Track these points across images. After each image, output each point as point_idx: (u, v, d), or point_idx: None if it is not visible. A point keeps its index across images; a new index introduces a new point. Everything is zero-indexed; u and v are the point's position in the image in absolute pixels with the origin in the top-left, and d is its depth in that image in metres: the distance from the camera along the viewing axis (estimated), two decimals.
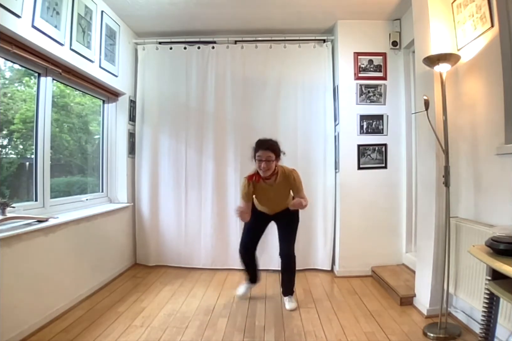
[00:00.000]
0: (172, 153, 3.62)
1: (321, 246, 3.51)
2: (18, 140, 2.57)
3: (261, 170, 2.40)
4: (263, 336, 2.18)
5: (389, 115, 3.37)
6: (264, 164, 2.37)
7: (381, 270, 3.21)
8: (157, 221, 3.65)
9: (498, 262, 1.31)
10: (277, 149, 2.44)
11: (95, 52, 2.91)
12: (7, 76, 2.43)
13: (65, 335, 2.13)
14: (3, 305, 1.90)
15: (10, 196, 2.40)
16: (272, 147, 2.40)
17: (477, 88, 2.21)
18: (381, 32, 3.39)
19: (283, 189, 2.55)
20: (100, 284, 2.97)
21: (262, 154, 2.38)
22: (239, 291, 2.77)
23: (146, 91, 3.65)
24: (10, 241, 1.97)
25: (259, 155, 2.39)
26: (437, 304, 2.27)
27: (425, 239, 2.50)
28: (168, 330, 2.24)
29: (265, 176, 2.44)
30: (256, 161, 2.42)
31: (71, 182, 3.15)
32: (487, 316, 1.51)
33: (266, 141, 2.45)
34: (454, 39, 2.38)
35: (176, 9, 3.12)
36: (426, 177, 2.53)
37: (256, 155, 2.41)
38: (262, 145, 2.41)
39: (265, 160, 2.37)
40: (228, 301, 2.73)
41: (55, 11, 2.34)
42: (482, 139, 2.15)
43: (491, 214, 2.06)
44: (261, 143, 2.43)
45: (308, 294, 2.90)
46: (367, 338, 2.13)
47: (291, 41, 3.56)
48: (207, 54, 3.59)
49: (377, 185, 3.36)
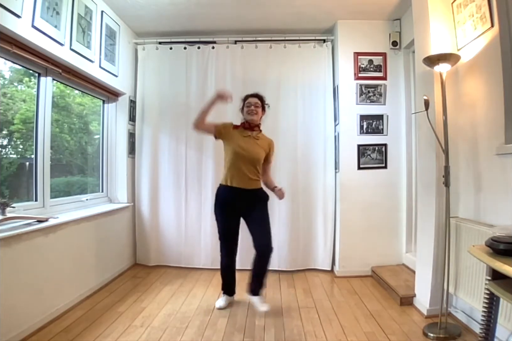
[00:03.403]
0: (172, 153, 3.62)
1: (321, 246, 3.51)
2: (18, 140, 2.57)
3: (249, 114, 2.57)
4: (263, 336, 2.18)
5: (389, 115, 3.37)
6: (253, 108, 2.57)
7: (381, 270, 3.21)
8: (157, 221, 3.65)
9: (498, 262, 1.31)
10: (264, 100, 2.68)
11: (95, 52, 2.91)
12: (7, 76, 2.43)
13: (65, 335, 2.13)
14: (3, 305, 1.90)
15: (10, 196, 2.40)
16: (259, 95, 2.66)
17: (477, 88, 2.21)
18: (381, 32, 3.39)
19: (259, 148, 2.56)
20: (100, 284, 2.97)
21: (251, 100, 2.60)
22: (219, 303, 2.62)
23: (146, 91, 3.65)
24: (10, 241, 1.97)
25: (248, 102, 2.60)
26: (437, 304, 2.27)
27: (425, 239, 2.50)
28: (168, 330, 2.24)
29: (252, 121, 2.58)
30: (245, 108, 2.61)
31: (71, 182, 3.15)
32: (487, 316, 1.51)
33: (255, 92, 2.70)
34: (454, 39, 2.38)
35: (176, 9, 3.12)
36: (426, 177, 2.53)
37: (245, 102, 2.62)
38: (251, 94, 2.67)
39: (254, 105, 2.58)
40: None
41: (55, 11, 2.34)
42: (482, 139, 2.15)
43: (491, 214, 2.07)
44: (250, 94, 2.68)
45: (308, 294, 2.90)
46: (367, 338, 2.13)
47: (291, 41, 3.57)
48: (207, 54, 3.59)
49: (377, 185, 3.36)
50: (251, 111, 2.57)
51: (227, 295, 2.70)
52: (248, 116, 2.58)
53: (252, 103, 2.58)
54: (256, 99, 2.61)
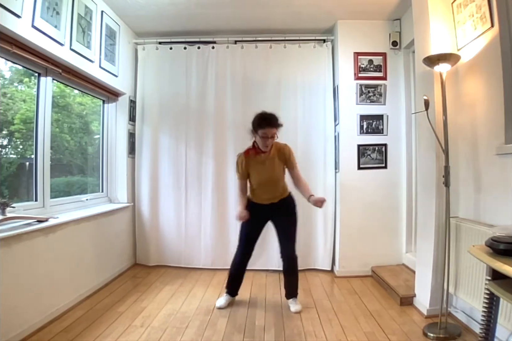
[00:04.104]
0: (172, 153, 3.62)
1: (321, 246, 3.51)
2: (18, 141, 2.57)
3: (265, 146, 2.40)
4: (263, 336, 2.18)
5: (389, 115, 3.37)
6: (270, 141, 2.37)
7: (381, 270, 3.21)
8: (157, 221, 3.65)
9: (498, 262, 1.31)
10: (279, 124, 2.40)
11: (95, 52, 2.91)
12: (7, 76, 2.43)
13: (65, 335, 2.13)
14: (3, 305, 1.90)
15: (10, 196, 2.40)
16: (277, 123, 2.37)
17: (477, 88, 2.21)
18: (381, 32, 3.39)
19: (278, 164, 2.51)
20: (100, 284, 2.97)
21: (268, 131, 2.34)
22: (219, 302, 2.63)
23: (146, 91, 3.65)
24: (10, 241, 1.97)
25: (264, 133, 2.34)
26: (437, 304, 2.27)
27: (425, 239, 2.50)
28: (168, 330, 2.24)
29: (265, 149, 2.43)
30: (260, 138, 2.37)
31: (71, 182, 3.15)
32: (487, 316, 1.51)
33: (271, 118, 2.38)
34: (454, 39, 2.38)
35: (176, 9, 3.12)
36: (426, 177, 2.53)
37: (260, 131, 2.35)
38: (268, 122, 2.35)
39: (271, 137, 2.36)
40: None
41: (55, 11, 2.34)
42: (482, 139, 2.15)
43: (491, 214, 2.06)
44: (267, 119, 2.37)
45: (308, 294, 2.90)
46: (367, 338, 2.13)
47: (291, 41, 3.57)
48: (207, 54, 3.59)
49: (377, 185, 3.36)
50: (267, 144, 2.38)
51: (229, 295, 2.70)
52: (264, 147, 2.42)
53: (269, 136, 2.36)
54: (274, 130, 2.36)
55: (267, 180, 2.52)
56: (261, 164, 2.50)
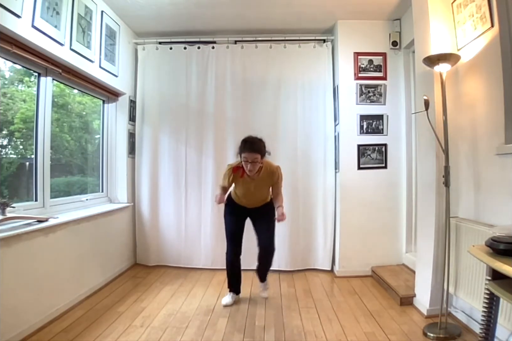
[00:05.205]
0: (172, 153, 3.62)
1: (321, 246, 3.51)
2: (18, 140, 2.57)
3: (249, 171, 2.40)
4: (263, 336, 2.18)
5: (389, 115, 3.37)
6: (250, 166, 2.36)
7: (381, 270, 3.21)
8: (157, 221, 3.65)
9: (498, 262, 1.31)
10: (263, 150, 2.42)
11: (95, 52, 2.91)
12: (7, 76, 2.43)
13: (65, 335, 2.13)
14: (3, 305, 1.90)
15: (10, 196, 2.40)
16: (258, 149, 2.37)
17: (477, 88, 2.21)
18: (381, 32, 3.39)
19: (265, 184, 2.57)
20: (100, 284, 2.97)
21: (248, 156, 2.35)
22: (225, 300, 2.67)
23: (146, 91, 3.64)
24: (10, 241, 1.97)
25: (245, 157, 2.36)
26: (437, 304, 2.27)
27: (425, 239, 2.50)
28: (168, 330, 2.24)
29: (251, 174, 2.44)
30: (243, 161, 2.40)
31: (71, 182, 3.15)
32: (487, 316, 1.51)
33: (253, 142, 2.40)
34: (454, 39, 2.38)
35: (176, 9, 3.12)
36: (426, 177, 2.53)
37: (242, 156, 2.39)
38: (248, 147, 2.37)
39: (251, 162, 2.36)
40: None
41: (55, 11, 2.34)
42: (482, 139, 2.15)
43: (491, 214, 2.06)
44: (247, 145, 2.38)
45: (308, 294, 2.90)
46: (367, 338, 2.13)
47: (291, 41, 3.56)
48: (207, 54, 3.59)
49: (377, 185, 3.36)
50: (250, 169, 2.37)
51: (233, 293, 2.73)
52: (248, 171, 2.42)
53: (249, 160, 2.35)
54: (254, 155, 2.34)
55: (252, 195, 2.60)
56: (247, 184, 2.54)
